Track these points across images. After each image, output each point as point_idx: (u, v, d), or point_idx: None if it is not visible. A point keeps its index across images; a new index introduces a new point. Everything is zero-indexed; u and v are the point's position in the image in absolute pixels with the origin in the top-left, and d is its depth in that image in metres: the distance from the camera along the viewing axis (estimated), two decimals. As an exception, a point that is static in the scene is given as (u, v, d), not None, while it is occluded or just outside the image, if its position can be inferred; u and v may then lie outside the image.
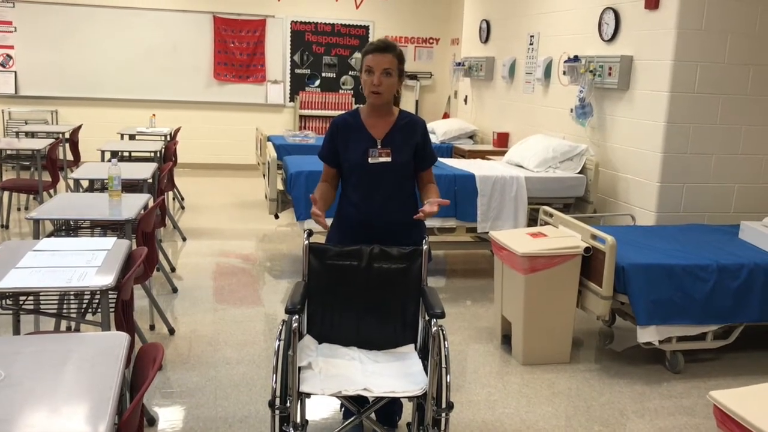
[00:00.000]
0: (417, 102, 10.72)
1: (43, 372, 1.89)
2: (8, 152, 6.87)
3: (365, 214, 2.87)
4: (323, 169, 2.97)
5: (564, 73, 6.24)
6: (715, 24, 4.89)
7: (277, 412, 2.50)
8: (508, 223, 5.39)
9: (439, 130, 7.99)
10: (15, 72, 9.54)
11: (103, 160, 6.63)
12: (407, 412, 3.16)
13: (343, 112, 3.00)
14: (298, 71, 10.49)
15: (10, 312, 3.05)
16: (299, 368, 2.54)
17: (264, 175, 6.78)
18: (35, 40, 9.56)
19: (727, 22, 4.91)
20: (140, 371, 2.03)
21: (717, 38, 4.92)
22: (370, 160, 2.81)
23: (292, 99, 10.51)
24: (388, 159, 2.82)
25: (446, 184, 5.26)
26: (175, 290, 4.95)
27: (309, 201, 5.06)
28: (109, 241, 3.19)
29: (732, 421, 2.12)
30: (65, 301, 3.44)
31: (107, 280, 2.66)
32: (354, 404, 2.69)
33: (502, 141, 7.51)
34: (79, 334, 2.21)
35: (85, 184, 5.44)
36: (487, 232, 4.61)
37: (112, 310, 2.74)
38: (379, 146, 2.84)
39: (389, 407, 3.02)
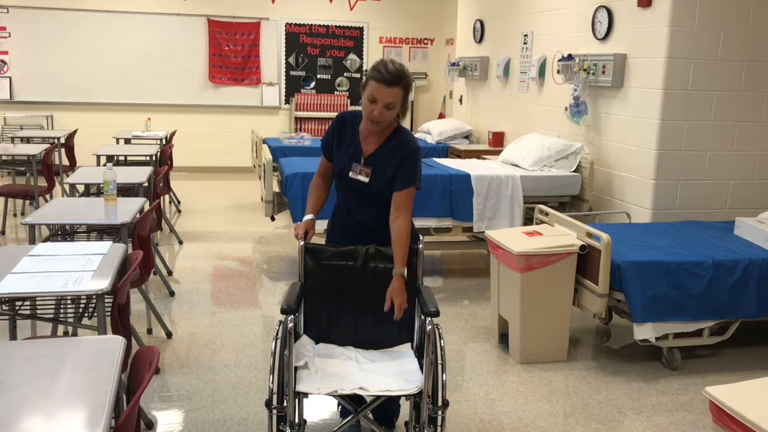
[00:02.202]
0: (412, 103, 10.72)
1: (39, 376, 1.89)
2: (4, 158, 6.86)
3: (355, 219, 2.88)
4: (321, 161, 2.96)
5: (558, 71, 6.25)
6: (708, 21, 4.91)
7: (274, 411, 2.51)
8: (504, 222, 5.40)
9: (434, 131, 8.00)
10: (9, 78, 9.54)
11: (98, 164, 6.62)
12: (404, 411, 3.16)
13: (348, 111, 2.90)
14: (293, 73, 10.49)
15: (7, 317, 3.05)
16: (296, 368, 2.54)
17: (260, 178, 6.79)
18: (30, 46, 9.55)
19: (719, 18, 4.93)
20: (136, 375, 2.03)
21: (710, 35, 4.94)
22: (350, 174, 2.79)
23: (287, 101, 10.51)
24: (366, 179, 2.78)
25: (442, 184, 5.27)
26: (172, 294, 4.95)
27: (305, 203, 5.08)
28: (105, 246, 3.19)
29: (728, 416, 2.13)
30: (62, 306, 3.44)
31: (103, 284, 2.66)
32: (351, 404, 2.70)
33: (498, 140, 7.52)
34: (75, 339, 2.21)
35: (80, 188, 5.43)
36: (483, 232, 4.62)
37: (109, 314, 2.74)
38: (362, 162, 2.78)
39: (387, 408, 3.02)
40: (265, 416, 3.25)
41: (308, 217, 2.88)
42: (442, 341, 2.53)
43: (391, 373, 2.60)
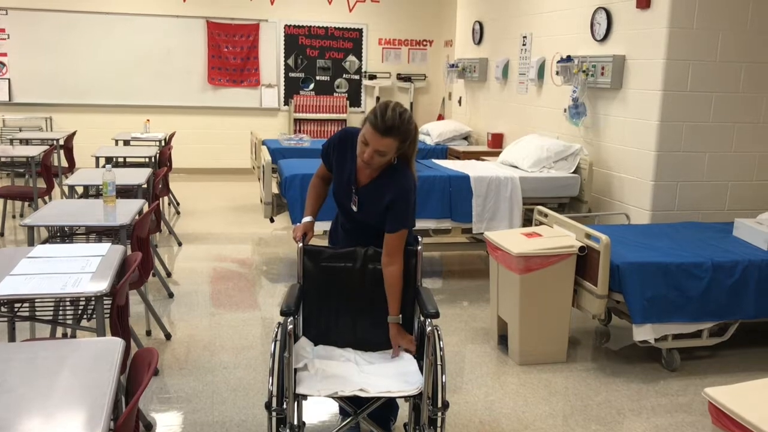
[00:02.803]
0: (411, 104, 10.72)
1: (37, 378, 1.89)
2: (3, 159, 6.86)
3: (353, 232, 2.88)
4: (320, 165, 2.94)
5: (557, 73, 6.25)
6: (707, 22, 4.91)
7: (273, 414, 2.51)
8: (503, 223, 5.40)
9: (433, 132, 8.00)
10: (9, 79, 9.53)
11: (97, 166, 6.62)
12: (403, 414, 3.16)
13: (353, 128, 2.79)
14: (292, 75, 10.49)
15: (6, 319, 3.05)
16: (295, 370, 2.54)
17: (259, 179, 6.79)
18: (29, 48, 9.54)
19: (718, 20, 4.93)
20: (135, 376, 2.03)
21: (708, 36, 4.94)
22: (352, 206, 2.78)
23: (286, 103, 10.51)
24: (354, 208, 2.77)
25: (441, 185, 5.27)
26: (171, 295, 4.95)
27: (304, 204, 5.07)
28: (104, 247, 3.19)
29: (727, 417, 2.13)
30: (61, 308, 3.43)
31: (102, 285, 2.66)
32: (350, 405, 2.69)
33: (497, 142, 7.53)
34: (74, 340, 2.21)
35: (79, 190, 5.43)
36: (483, 233, 4.62)
37: (108, 315, 2.74)
38: (354, 192, 2.75)
39: (383, 412, 3.01)
40: (264, 418, 3.25)
41: (307, 219, 2.87)
42: (441, 342, 2.53)
43: (390, 374, 2.60)
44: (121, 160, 7.02)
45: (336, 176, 2.83)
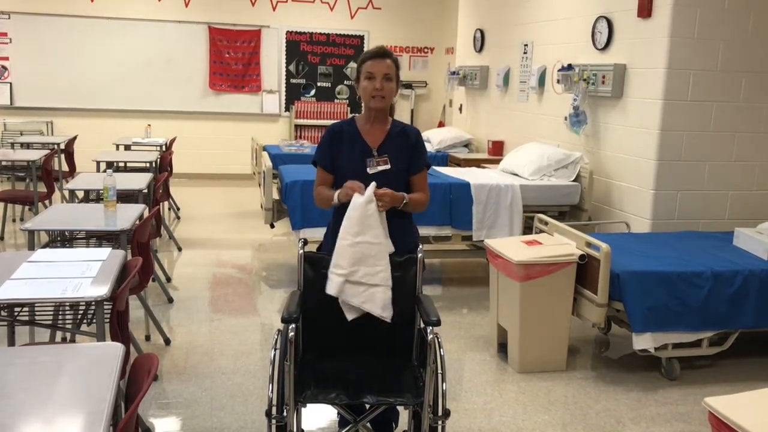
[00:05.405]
0: (412, 111, 10.74)
1: (37, 383, 1.89)
2: (4, 163, 6.86)
3: None
4: (319, 175, 2.94)
5: (558, 81, 6.26)
6: (708, 32, 4.92)
7: (273, 421, 2.50)
8: (503, 231, 5.40)
9: (434, 139, 8.01)
10: (10, 83, 9.55)
11: (98, 170, 6.62)
12: (403, 421, 3.15)
13: (338, 120, 2.98)
14: (293, 81, 10.51)
15: (6, 323, 3.04)
16: (296, 373, 2.53)
17: (260, 185, 6.79)
18: (31, 52, 9.56)
19: (719, 30, 4.94)
20: (135, 382, 2.02)
21: (709, 46, 4.95)
22: (369, 171, 2.79)
23: (287, 109, 10.53)
24: (387, 166, 2.82)
25: (441, 192, 5.27)
26: (170, 300, 4.94)
27: (304, 210, 5.08)
28: (104, 252, 3.19)
29: (727, 427, 2.12)
30: (60, 312, 3.43)
31: (102, 290, 2.66)
32: (350, 413, 2.69)
33: (497, 149, 7.53)
34: (74, 345, 2.21)
35: (80, 194, 5.43)
36: (483, 241, 4.62)
37: (108, 320, 2.74)
38: (376, 154, 2.83)
39: (385, 415, 3.01)
40: (262, 424, 3.24)
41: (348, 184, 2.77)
42: (442, 350, 2.53)
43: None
44: (121, 164, 7.02)
45: (344, 163, 2.84)
